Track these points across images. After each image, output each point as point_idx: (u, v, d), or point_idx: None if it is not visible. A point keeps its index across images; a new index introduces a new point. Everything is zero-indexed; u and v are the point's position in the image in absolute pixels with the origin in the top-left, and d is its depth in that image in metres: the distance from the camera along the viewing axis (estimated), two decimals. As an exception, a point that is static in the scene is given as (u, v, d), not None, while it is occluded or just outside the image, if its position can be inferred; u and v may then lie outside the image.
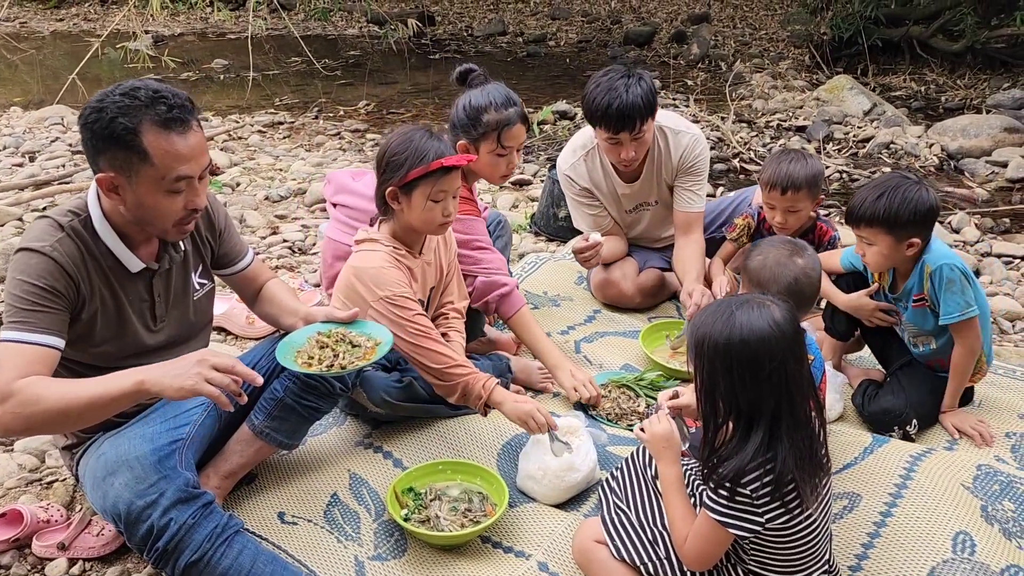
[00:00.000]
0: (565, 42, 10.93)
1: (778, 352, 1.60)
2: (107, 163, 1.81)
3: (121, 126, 1.76)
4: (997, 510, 2.11)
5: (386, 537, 2.14)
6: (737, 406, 1.63)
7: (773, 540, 1.68)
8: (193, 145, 1.84)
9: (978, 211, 4.72)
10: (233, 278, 2.33)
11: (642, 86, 2.85)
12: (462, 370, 2.28)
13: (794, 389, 1.62)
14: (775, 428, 1.61)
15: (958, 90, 7.68)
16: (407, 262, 2.36)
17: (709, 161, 3.25)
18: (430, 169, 2.24)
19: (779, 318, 1.62)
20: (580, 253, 3.02)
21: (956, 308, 2.34)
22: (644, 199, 3.27)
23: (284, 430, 2.17)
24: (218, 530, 1.85)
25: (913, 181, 2.33)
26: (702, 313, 1.70)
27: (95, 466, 1.95)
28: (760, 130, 6.45)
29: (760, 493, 1.59)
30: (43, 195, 4.73)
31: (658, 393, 2.66)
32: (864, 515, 2.10)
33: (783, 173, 2.76)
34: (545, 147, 6.11)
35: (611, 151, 3.00)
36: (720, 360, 1.62)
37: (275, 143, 6.29)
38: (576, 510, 2.23)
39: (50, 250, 1.82)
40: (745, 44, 10.00)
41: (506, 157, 2.74)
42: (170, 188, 1.83)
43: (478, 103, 2.69)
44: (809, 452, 1.64)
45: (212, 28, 11.93)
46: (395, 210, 2.32)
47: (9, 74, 9.45)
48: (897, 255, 2.37)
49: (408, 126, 2.35)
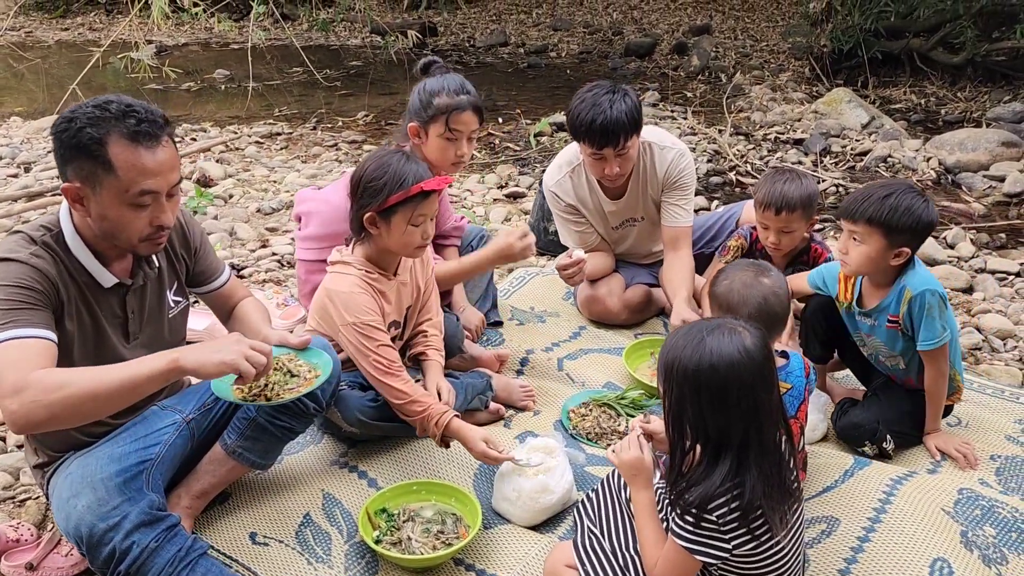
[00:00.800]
0: (566, 53, 10.92)
1: (747, 379, 1.58)
2: (73, 173, 1.81)
3: (88, 136, 1.76)
4: (977, 535, 2.08)
5: (357, 559, 2.12)
6: (705, 432, 1.61)
7: (741, 566, 1.66)
8: (161, 161, 1.83)
9: (974, 226, 4.69)
10: (209, 296, 2.32)
11: (627, 102, 2.83)
12: (418, 407, 2.28)
13: (763, 417, 1.61)
14: (743, 455, 1.59)
15: (958, 103, 7.64)
16: (380, 285, 2.35)
17: (695, 175, 3.23)
18: (410, 194, 2.24)
19: (750, 345, 1.60)
20: (564, 270, 3.00)
21: (934, 335, 2.32)
22: (630, 215, 3.25)
23: (257, 450, 2.15)
24: (181, 553, 1.84)
25: (919, 192, 2.30)
26: (672, 336, 1.68)
27: (62, 486, 1.94)
28: (758, 143, 6.42)
29: (726, 519, 1.58)
30: (35, 207, 4.73)
31: (638, 412, 2.65)
32: (841, 540, 2.07)
33: (777, 193, 2.73)
34: (541, 159, 6.10)
35: (595, 167, 2.99)
36: (688, 385, 1.60)
37: (271, 154, 6.29)
38: (551, 532, 2.21)
39: (26, 257, 1.82)
40: (746, 56, 9.98)
41: (455, 143, 2.74)
42: (134, 201, 1.82)
43: (432, 88, 2.72)
44: (777, 480, 1.62)
45: (215, 38, 11.97)
46: (373, 235, 2.30)
47: (14, 83, 9.49)
48: (882, 261, 2.32)
49: (383, 149, 2.34)
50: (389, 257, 2.39)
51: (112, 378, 1.69)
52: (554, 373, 2.95)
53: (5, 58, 10.72)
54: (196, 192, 4.97)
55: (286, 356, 2.05)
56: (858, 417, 2.50)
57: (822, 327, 2.61)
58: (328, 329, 2.33)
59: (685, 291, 3.04)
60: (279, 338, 2.11)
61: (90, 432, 2.03)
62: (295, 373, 2.01)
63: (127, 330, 2.03)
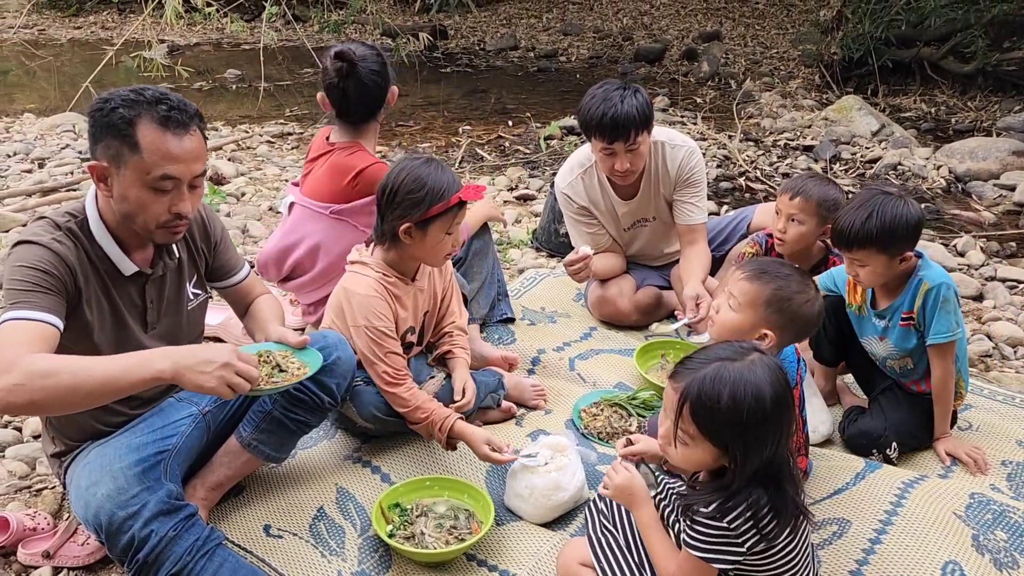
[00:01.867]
0: (576, 58, 10.95)
1: (778, 411, 1.57)
2: (102, 152, 1.85)
3: (119, 116, 1.81)
4: (989, 540, 2.08)
5: (370, 553, 2.13)
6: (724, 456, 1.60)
7: (754, 565, 1.66)
8: (187, 149, 1.86)
9: (984, 234, 4.69)
10: (227, 291, 2.35)
11: (638, 98, 2.86)
12: (421, 413, 2.30)
13: (784, 436, 1.61)
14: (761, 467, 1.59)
15: (968, 112, 7.64)
16: (396, 290, 2.37)
17: (705, 173, 3.25)
18: (450, 205, 2.26)
19: (778, 375, 1.59)
20: (570, 266, 3.01)
21: (947, 328, 2.33)
22: (642, 215, 3.26)
23: (272, 443, 2.17)
24: (199, 543, 1.85)
25: (895, 196, 2.30)
26: (692, 362, 1.65)
27: (80, 475, 1.96)
28: (767, 149, 6.43)
29: (738, 525, 1.58)
30: (49, 202, 4.77)
31: (649, 412, 2.67)
32: (853, 542, 2.08)
33: (799, 182, 2.77)
34: (551, 162, 6.12)
35: (605, 162, 3.00)
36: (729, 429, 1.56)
37: (283, 154, 6.32)
38: (563, 530, 2.22)
39: (48, 241, 1.85)
40: (756, 63, 9.99)
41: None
42: (154, 185, 1.84)
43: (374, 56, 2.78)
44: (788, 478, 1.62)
45: (227, 39, 12.03)
46: (404, 244, 2.31)
47: (27, 81, 9.55)
48: (891, 271, 2.35)
49: (409, 159, 2.33)
50: (411, 264, 2.41)
51: (95, 376, 1.68)
52: (565, 373, 2.96)
53: (18, 56, 10.79)
54: (209, 190, 5.00)
55: (280, 352, 2.07)
56: (866, 425, 2.51)
57: (832, 327, 2.62)
58: (342, 328, 2.35)
59: (701, 275, 3.07)
60: (279, 335, 2.13)
61: (108, 422, 2.06)
62: (284, 368, 2.01)
63: (145, 320, 2.06)
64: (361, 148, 2.80)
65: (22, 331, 1.73)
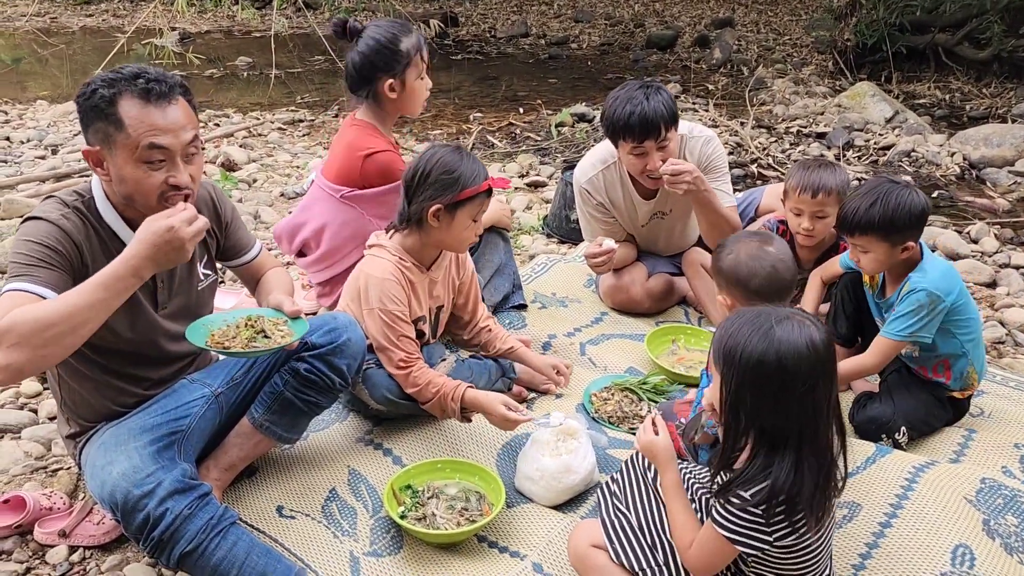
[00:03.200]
0: (587, 45, 10.91)
1: (811, 375, 1.55)
2: (92, 136, 1.86)
3: (100, 97, 1.82)
4: (1000, 524, 2.08)
5: (382, 533, 2.15)
6: (760, 424, 1.58)
7: (778, 556, 1.66)
8: (172, 118, 1.86)
9: (998, 221, 4.66)
10: (240, 270, 2.36)
11: (662, 94, 2.85)
12: (432, 387, 2.32)
13: (820, 415, 1.58)
14: (797, 453, 1.56)
15: (983, 99, 7.57)
16: (411, 276, 2.39)
17: (726, 157, 3.22)
18: (481, 190, 2.29)
19: (817, 340, 1.57)
20: (593, 258, 3.00)
21: (900, 328, 2.37)
22: (659, 209, 3.24)
23: (283, 424, 2.18)
24: (213, 521, 1.87)
25: (902, 185, 2.32)
26: (735, 321, 1.63)
27: (95, 455, 1.98)
28: (780, 136, 6.40)
29: (772, 514, 1.56)
30: (63, 187, 4.78)
31: (660, 397, 2.67)
32: (863, 525, 2.08)
33: (813, 177, 2.74)
34: (562, 150, 6.11)
35: (636, 164, 2.93)
36: (751, 375, 1.56)
37: (294, 140, 6.33)
38: (573, 512, 2.23)
39: (56, 218, 1.86)
40: (768, 49, 9.93)
41: (425, 80, 2.82)
42: (144, 158, 1.84)
43: (388, 35, 2.73)
44: (826, 476, 1.60)
45: (238, 26, 12.03)
46: (431, 227, 2.33)
47: (39, 68, 9.59)
48: (892, 259, 2.37)
49: (439, 146, 2.37)
50: (430, 251, 2.42)
51: (82, 300, 1.71)
52: (576, 357, 2.97)
53: (30, 44, 10.83)
54: (221, 176, 5.02)
55: (272, 319, 2.06)
56: (875, 411, 2.50)
57: (851, 303, 2.63)
58: (356, 312, 2.36)
59: None
60: (276, 302, 2.13)
61: (123, 403, 2.08)
62: (268, 335, 2.01)
63: (156, 299, 2.07)
64: (376, 131, 2.81)
65: (18, 301, 1.74)
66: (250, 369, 2.22)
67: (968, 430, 2.57)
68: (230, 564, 1.87)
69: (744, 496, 1.57)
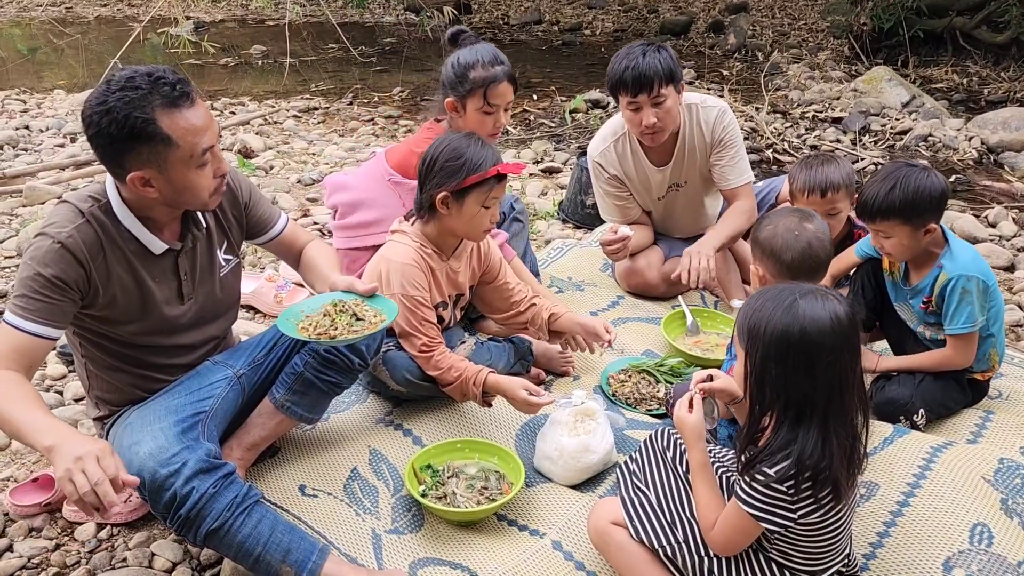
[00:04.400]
0: (601, 31, 10.88)
1: (835, 348, 1.56)
2: (133, 161, 1.83)
3: (138, 120, 1.77)
4: (1018, 503, 2.09)
5: (403, 512, 2.18)
6: (786, 397, 1.59)
7: (801, 533, 1.66)
8: (204, 116, 1.88)
9: (1016, 205, 4.63)
10: (271, 244, 2.35)
11: (661, 53, 2.92)
12: (455, 372, 2.34)
13: (845, 388, 1.59)
14: (824, 427, 1.57)
15: (1001, 83, 7.50)
16: (432, 263, 2.41)
17: (740, 132, 3.24)
18: (487, 175, 2.28)
19: (841, 313, 1.58)
20: (608, 246, 3.02)
21: (963, 319, 2.37)
22: (675, 180, 3.26)
23: (304, 404, 2.21)
24: (238, 499, 1.89)
25: (919, 168, 2.33)
26: (759, 297, 1.65)
27: (122, 435, 2.00)
28: (795, 121, 6.37)
29: (799, 490, 1.57)
30: (83, 175, 4.85)
31: (677, 379, 2.68)
32: (881, 504, 2.09)
33: (820, 176, 2.71)
34: (577, 136, 6.11)
35: (633, 120, 3.01)
36: (776, 347, 1.57)
37: (309, 128, 6.36)
38: (592, 491, 2.25)
39: (64, 237, 1.85)
40: (783, 34, 9.87)
41: (493, 115, 2.78)
42: (200, 163, 1.88)
43: (466, 60, 2.73)
44: (851, 451, 1.61)
45: (252, 15, 12.06)
46: (442, 215, 2.35)
47: (55, 58, 9.66)
48: (915, 243, 2.37)
49: (453, 133, 2.39)
50: (450, 239, 2.44)
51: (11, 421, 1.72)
52: (593, 340, 2.98)
53: (46, 34, 10.90)
54: (239, 162, 5.06)
55: (353, 301, 2.07)
56: (894, 393, 2.51)
57: (871, 288, 2.63)
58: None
59: (725, 232, 3.12)
60: (347, 283, 2.13)
61: (149, 389, 2.11)
62: (360, 317, 2.03)
63: (182, 291, 2.09)
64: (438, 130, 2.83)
65: (8, 341, 1.80)
66: (271, 350, 2.25)
67: (986, 411, 2.58)
68: (255, 541, 1.89)
69: (768, 473, 1.58)
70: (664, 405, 2.58)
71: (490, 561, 2.01)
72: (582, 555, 2.01)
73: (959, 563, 1.90)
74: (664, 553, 1.81)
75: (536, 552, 2.03)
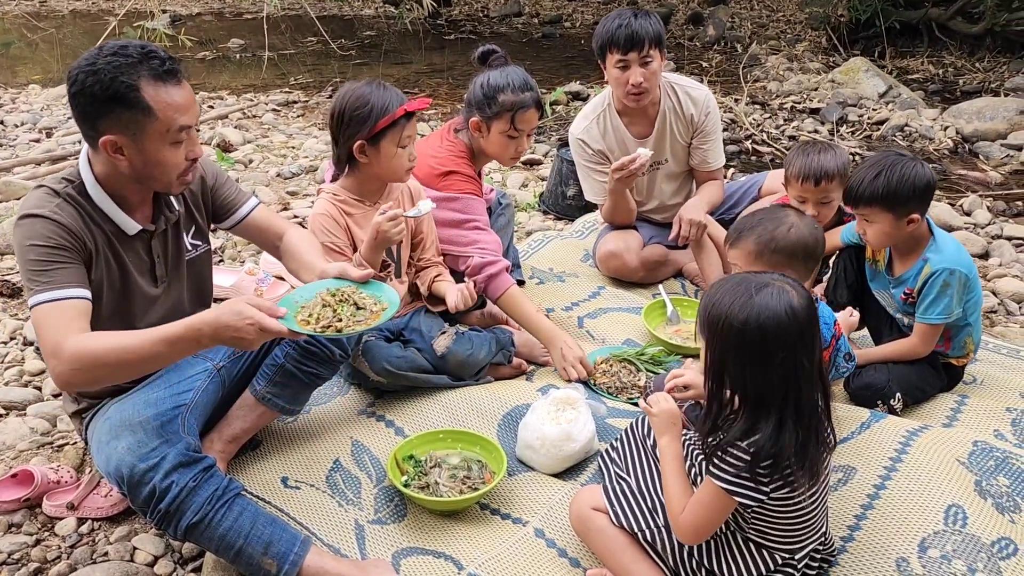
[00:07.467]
0: (581, 23, 10.89)
1: (791, 340, 1.58)
2: (110, 124, 1.82)
3: (122, 84, 1.78)
4: (991, 485, 2.12)
5: (386, 502, 2.18)
6: (744, 387, 1.62)
7: (775, 510, 1.69)
8: (187, 96, 1.88)
9: (991, 194, 4.69)
10: (242, 228, 2.29)
11: (651, 17, 3.02)
12: None
13: (803, 379, 1.61)
14: (782, 415, 1.60)
15: (976, 73, 7.59)
16: (350, 208, 2.48)
17: (720, 119, 3.31)
18: (396, 117, 2.34)
19: (796, 305, 1.59)
20: (621, 169, 2.97)
21: (938, 311, 2.40)
22: (655, 158, 3.28)
23: (285, 396, 2.20)
24: (218, 492, 1.88)
25: (908, 158, 2.35)
26: (718, 289, 1.67)
27: (101, 430, 1.99)
28: (774, 112, 6.42)
29: (762, 467, 1.60)
30: (59, 170, 4.79)
31: (658, 368, 2.70)
32: (858, 487, 2.11)
33: (815, 164, 2.69)
34: (557, 128, 6.11)
35: (620, 80, 3.06)
36: (733, 341, 1.60)
37: (289, 121, 6.33)
38: (574, 480, 2.26)
39: (51, 213, 1.85)
40: (762, 26, 9.92)
41: (517, 140, 2.78)
42: (174, 139, 1.87)
43: (496, 83, 2.73)
44: (815, 437, 1.63)
45: (229, 8, 11.98)
46: (362, 163, 2.41)
47: (29, 53, 9.54)
48: (898, 232, 2.39)
49: (355, 82, 2.42)
50: (371, 185, 2.50)
51: (143, 354, 1.75)
52: (574, 330, 2.99)
53: (20, 28, 10.77)
54: (218, 156, 5.02)
55: (349, 289, 2.00)
56: (870, 378, 2.54)
57: (853, 271, 2.66)
58: None
59: (707, 199, 3.22)
60: (339, 270, 2.05)
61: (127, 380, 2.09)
62: (361, 306, 1.96)
63: (155, 274, 2.08)
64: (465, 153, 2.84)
65: (57, 313, 1.77)
66: None
67: (961, 396, 2.61)
68: (236, 534, 1.89)
69: (741, 446, 1.60)
70: (644, 395, 2.60)
71: (473, 550, 2.02)
72: (564, 542, 2.03)
73: (934, 543, 1.92)
74: (643, 537, 1.83)
75: (519, 540, 2.04)
